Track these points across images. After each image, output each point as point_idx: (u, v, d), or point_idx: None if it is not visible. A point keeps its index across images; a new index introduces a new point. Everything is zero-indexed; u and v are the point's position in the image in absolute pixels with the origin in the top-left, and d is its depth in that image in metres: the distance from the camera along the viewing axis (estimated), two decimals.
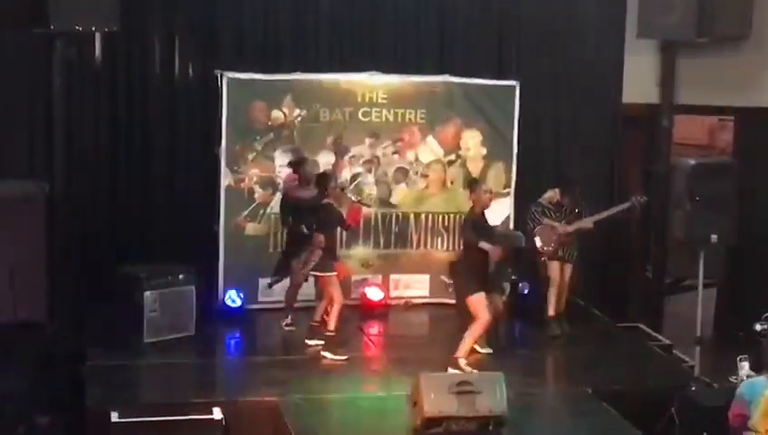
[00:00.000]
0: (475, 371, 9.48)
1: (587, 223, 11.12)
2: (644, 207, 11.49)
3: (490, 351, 10.24)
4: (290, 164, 10.99)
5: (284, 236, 10.94)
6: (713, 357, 11.39)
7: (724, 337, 12.65)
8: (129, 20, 10.92)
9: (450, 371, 9.53)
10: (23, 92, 11.14)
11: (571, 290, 11.42)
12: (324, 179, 10.36)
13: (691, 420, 9.03)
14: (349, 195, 10.77)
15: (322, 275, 10.15)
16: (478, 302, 9.75)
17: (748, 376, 8.45)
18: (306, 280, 10.67)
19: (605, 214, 11.25)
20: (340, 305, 10.11)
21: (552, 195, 11.22)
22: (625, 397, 9.36)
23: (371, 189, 11.59)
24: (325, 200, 10.17)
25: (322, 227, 10.10)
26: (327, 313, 10.22)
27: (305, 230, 10.33)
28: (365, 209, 10.93)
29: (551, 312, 11.13)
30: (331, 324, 10.06)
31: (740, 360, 8.81)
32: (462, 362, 9.71)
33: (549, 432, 8.70)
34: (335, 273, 10.17)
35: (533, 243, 11.10)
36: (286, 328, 10.78)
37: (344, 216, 10.27)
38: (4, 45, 11.00)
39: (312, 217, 10.33)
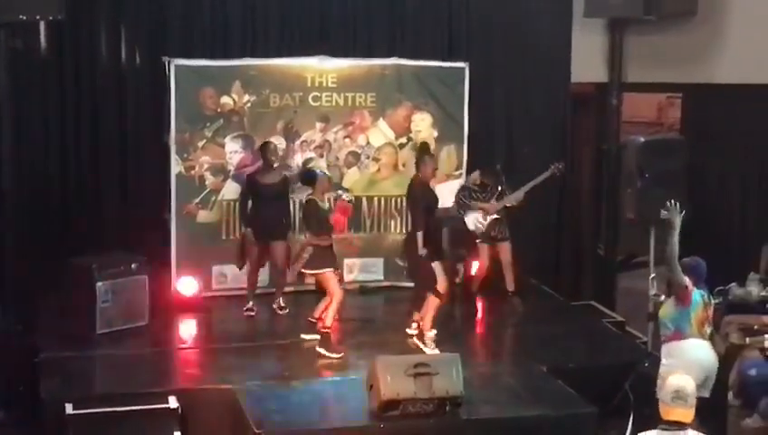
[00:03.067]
0: (435, 349, 9.67)
1: (516, 197, 11.23)
2: (563, 173, 11.57)
3: (434, 332, 10.27)
4: (259, 149, 10.89)
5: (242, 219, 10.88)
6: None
7: None
8: (74, 8, 10.81)
9: (417, 342, 9.86)
10: None
11: (517, 266, 11.49)
12: (311, 178, 10.10)
13: (645, 395, 9.12)
14: (339, 192, 10.59)
15: (317, 272, 9.94)
16: (435, 270, 9.90)
17: (655, 294, 8.85)
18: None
19: (529, 185, 11.36)
20: (339, 302, 9.90)
21: (475, 177, 11.33)
22: (579, 374, 9.45)
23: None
24: (308, 197, 9.99)
25: (309, 226, 9.93)
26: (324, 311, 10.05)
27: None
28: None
29: (473, 289, 11.53)
30: (328, 320, 9.86)
31: (652, 279, 9.08)
32: (429, 335, 9.89)
33: (505, 411, 8.73)
34: (331, 269, 9.94)
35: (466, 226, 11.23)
36: (246, 313, 10.72)
37: (329, 211, 10.07)
38: None
39: (276, 202, 10.33)
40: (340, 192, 10.51)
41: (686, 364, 8.19)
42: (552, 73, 12.82)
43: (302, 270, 10.03)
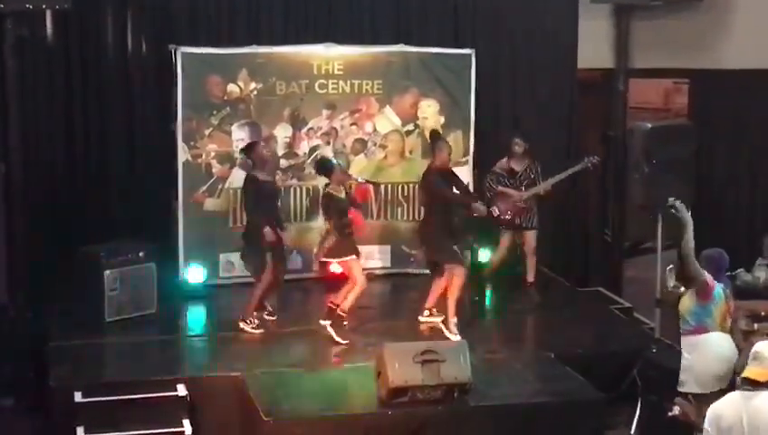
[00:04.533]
0: (457, 336, 9.66)
1: (543, 187, 11.17)
2: (597, 166, 11.53)
3: (441, 318, 10.27)
4: (241, 151, 10.65)
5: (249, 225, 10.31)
6: (673, 319, 11.50)
7: None
8: None
9: (446, 333, 9.77)
10: None
11: (537, 257, 11.46)
12: (327, 168, 10.02)
13: (653, 381, 9.14)
14: (355, 176, 10.57)
15: (341, 260, 9.89)
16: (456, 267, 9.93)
17: (675, 286, 8.86)
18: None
19: (559, 176, 11.27)
20: (362, 289, 9.87)
21: (505, 162, 11.27)
22: (587, 360, 9.47)
23: None
24: (326, 190, 9.94)
25: (329, 215, 9.86)
26: (346, 298, 9.96)
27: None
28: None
29: (484, 275, 11.47)
30: (346, 305, 9.84)
31: (669, 270, 9.09)
32: (453, 321, 9.88)
33: (513, 398, 8.74)
34: (354, 256, 9.89)
35: (491, 212, 11.16)
36: (255, 331, 10.10)
37: (350, 198, 9.98)
38: None
39: (270, 202, 10.15)
40: (358, 178, 10.50)
41: (710, 358, 8.23)
42: (559, 59, 12.79)
43: (325, 259, 9.98)
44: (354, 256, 9.91)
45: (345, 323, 9.94)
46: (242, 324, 9.99)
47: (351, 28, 12.02)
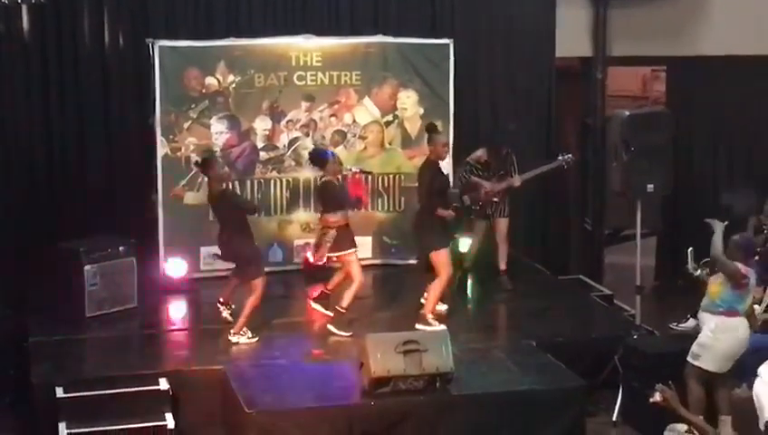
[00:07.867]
0: (442, 326, 9.61)
1: (515, 181, 11.18)
2: (571, 165, 11.57)
3: (445, 307, 10.29)
4: (196, 164, 10.35)
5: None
6: (653, 305, 11.59)
7: (664, 285, 12.88)
8: None
9: (418, 326, 9.64)
10: None
11: (510, 245, 11.47)
12: (322, 159, 9.91)
13: (634, 367, 9.18)
14: (348, 167, 10.53)
15: (341, 254, 9.82)
16: (442, 257, 9.86)
17: (694, 268, 9.27)
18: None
19: (533, 173, 11.31)
20: (359, 284, 9.84)
21: (480, 154, 11.28)
22: (569, 348, 9.51)
23: None
24: (324, 178, 9.86)
25: (329, 207, 9.79)
26: (339, 285, 9.95)
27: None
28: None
29: (465, 265, 11.38)
30: (345, 302, 9.77)
31: (690, 252, 9.24)
32: (430, 317, 9.84)
33: (495, 387, 8.76)
34: (353, 250, 9.84)
35: (463, 202, 11.19)
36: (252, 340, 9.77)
37: (346, 189, 9.93)
38: None
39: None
40: (350, 168, 10.47)
41: (733, 342, 8.50)
42: (537, 48, 12.80)
43: (330, 254, 9.85)
44: (353, 250, 9.85)
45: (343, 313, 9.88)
46: (236, 338, 9.61)
47: (329, 19, 12.01)
